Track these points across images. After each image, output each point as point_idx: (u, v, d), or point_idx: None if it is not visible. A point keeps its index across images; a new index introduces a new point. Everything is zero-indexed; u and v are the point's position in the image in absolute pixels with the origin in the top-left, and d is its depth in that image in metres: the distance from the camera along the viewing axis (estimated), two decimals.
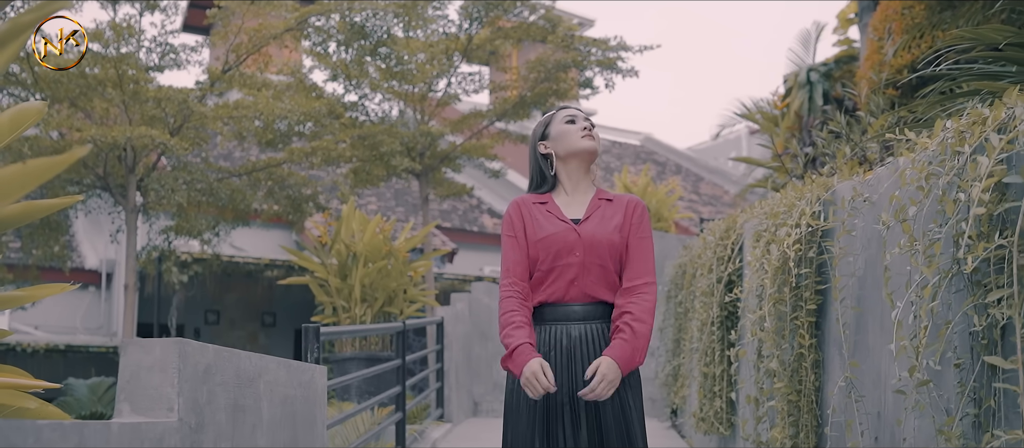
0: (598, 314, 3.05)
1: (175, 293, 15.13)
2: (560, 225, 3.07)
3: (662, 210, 15.02)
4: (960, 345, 2.41)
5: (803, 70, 10.63)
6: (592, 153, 3.17)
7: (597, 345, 3.00)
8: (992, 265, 2.14)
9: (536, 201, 3.17)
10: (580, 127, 3.16)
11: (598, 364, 2.89)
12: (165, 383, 2.38)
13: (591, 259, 3.03)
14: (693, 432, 6.71)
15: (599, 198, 3.17)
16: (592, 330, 3.03)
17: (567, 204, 3.16)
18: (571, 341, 3.01)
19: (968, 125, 2.33)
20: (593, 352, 2.99)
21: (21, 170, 1.60)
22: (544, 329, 3.05)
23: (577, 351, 3.00)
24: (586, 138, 3.14)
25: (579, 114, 3.22)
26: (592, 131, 3.18)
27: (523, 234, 3.11)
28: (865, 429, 3.18)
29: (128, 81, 9.19)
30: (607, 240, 3.05)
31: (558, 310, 3.05)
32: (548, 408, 2.96)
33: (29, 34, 2.29)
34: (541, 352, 2.99)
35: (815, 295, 3.82)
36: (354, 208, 10.46)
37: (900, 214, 2.61)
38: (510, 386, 3.08)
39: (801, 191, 4.12)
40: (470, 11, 11.92)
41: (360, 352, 9.77)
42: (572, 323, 3.04)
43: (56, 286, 2.50)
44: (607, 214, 3.13)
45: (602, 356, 2.92)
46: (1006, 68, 3.37)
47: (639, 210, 3.17)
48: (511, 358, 2.95)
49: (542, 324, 3.07)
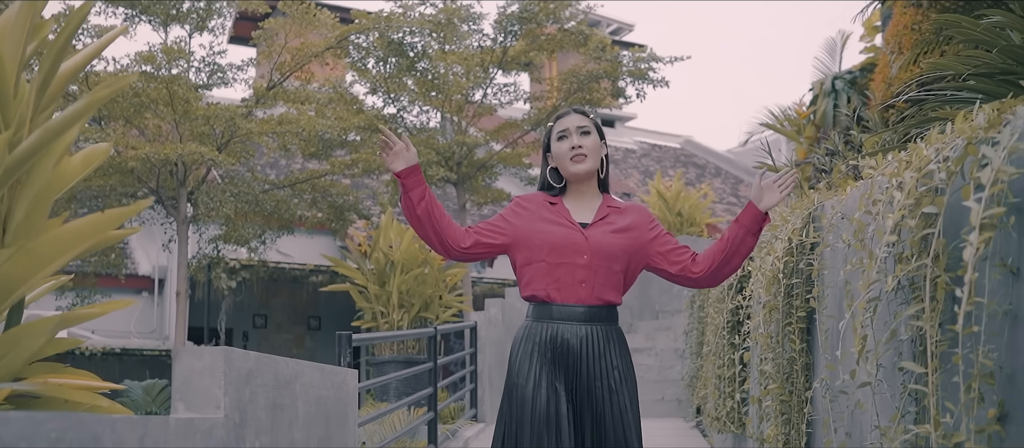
0: (602, 316, 3.14)
1: (224, 298, 15.69)
2: (568, 226, 3.18)
3: (695, 214, 15.28)
4: (905, 351, 2.75)
5: (829, 78, 10.82)
6: (584, 176, 3.23)
7: (599, 346, 3.10)
8: (915, 284, 2.47)
9: (548, 200, 3.27)
10: (568, 147, 3.22)
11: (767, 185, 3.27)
12: (214, 385, 2.79)
13: (598, 262, 3.12)
14: (711, 431, 7.04)
15: (607, 205, 3.28)
16: (595, 331, 3.11)
17: (576, 209, 3.25)
18: (577, 341, 3.08)
19: (904, 159, 2.67)
20: (595, 353, 3.08)
21: (100, 218, 2.00)
22: (548, 327, 3.12)
23: (581, 351, 3.08)
24: (576, 162, 3.20)
25: (570, 128, 3.24)
26: (583, 146, 3.21)
27: (516, 225, 3.22)
28: (839, 426, 3.51)
29: (179, 100, 9.73)
30: (614, 245, 3.15)
31: (564, 310, 3.12)
32: (557, 406, 3.03)
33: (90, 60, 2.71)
34: (545, 349, 3.09)
35: (805, 303, 4.14)
36: (392, 218, 10.92)
37: (859, 234, 2.94)
38: (512, 379, 3.15)
39: (793, 206, 4.45)
40: (504, 25, 12.33)
41: (398, 355, 10.22)
42: (577, 323, 3.11)
43: (121, 301, 2.93)
44: (614, 219, 3.23)
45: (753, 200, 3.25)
46: (975, 95, 3.69)
47: (648, 216, 3.32)
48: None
49: (546, 321, 3.13)
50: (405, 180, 3.15)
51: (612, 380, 3.10)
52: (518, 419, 3.09)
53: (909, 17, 7.16)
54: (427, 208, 3.16)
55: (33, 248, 1.87)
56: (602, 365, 3.11)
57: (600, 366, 3.10)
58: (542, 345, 3.10)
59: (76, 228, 1.93)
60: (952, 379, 2.22)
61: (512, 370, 3.17)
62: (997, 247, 2.15)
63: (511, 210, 3.29)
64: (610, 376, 3.11)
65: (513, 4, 12.18)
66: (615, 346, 3.16)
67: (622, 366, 3.15)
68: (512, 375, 3.16)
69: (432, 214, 3.18)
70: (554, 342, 3.10)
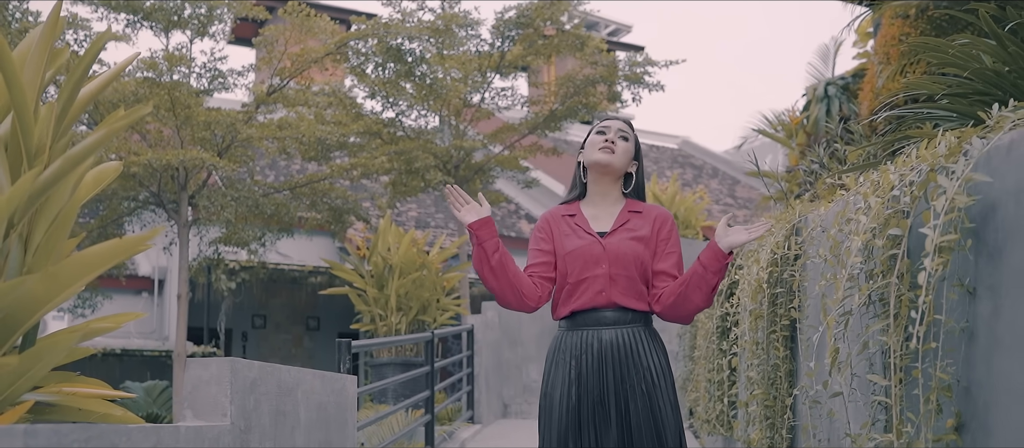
0: (629, 319, 3.15)
1: (224, 299, 15.84)
2: (586, 238, 3.20)
3: (690, 218, 15.45)
4: (876, 364, 2.90)
5: (821, 84, 10.97)
6: (602, 166, 3.23)
7: (628, 349, 3.11)
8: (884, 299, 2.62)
9: (565, 213, 3.29)
10: (602, 138, 3.23)
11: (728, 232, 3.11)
12: (220, 393, 2.94)
13: (617, 271, 3.14)
14: (702, 433, 7.20)
15: (628, 210, 3.27)
16: (624, 334, 3.13)
17: (595, 216, 3.27)
18: (602, 345, 3.11)
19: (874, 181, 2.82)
20: (624, 356, 3.10)
21: (119, 244, 2.16)
22: (577, 334, 3.15)
23: (608, 355, 3.10)
24: (602, 151, 3.21)
25: (612, 125, 3.28)
26: (616, 145, 3.23)
27: (552, 247, 3.25)
28: (818, 432, 3.67)
29: (181, 106, 9.89)
30: (632, 253, 3.16)
31: (590, 316, 3.15)
32: (579, 409, 3.08)
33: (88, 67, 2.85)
34: (574, 355, 3.12)
35: (788, 312, 4.29)
36: (390, 222, 11.09)
37: (834, 250, 3.10)
38: (544, 388, 3.20)
39: (778, 217, 4.60)
40: (502, 29, 12.48)
41: (396, 358, 10.39)
42: (603, 328, 3.13)
43: (133, 314, 3.08)
44: (633, 226, 3.23)
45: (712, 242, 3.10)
46: (950, 113, 3.84)
47: (667, 225, 3.27)
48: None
49: (575, 330, 3.16)
50: (478, 232, 3.16)
51: (645, 383, 3.10)
52: (547, 424, 3.15)
53: (897, 29, 7.30)
54: (501, 260, 3.15)
55: (56, 272, 2.02)
56: (632, 368, 3.11)
57: (630, 369, 3.10)
58: (569, 353, 3.15)
59: (97, 252, 2.09)
60: (913, 391, 2.37)
61: (544, 380, 3.22)
62: (955, 268, 2.30)
63: (538, 237, 3.33)
64: (643, 379, 3.11)
65: (511, 9, 12.33)
66: (647, 348, 3.16)
67: (657, 368, 3.15)
68: (544, 384, 3.22)
69: (506, 267, 3.16)
70: (580, 349, 3.13)
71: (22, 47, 2.58)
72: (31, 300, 2.01)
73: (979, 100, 3.71)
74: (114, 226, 11.40)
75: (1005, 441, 2.03)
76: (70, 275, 2.07)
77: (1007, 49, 3.37)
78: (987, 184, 2.13)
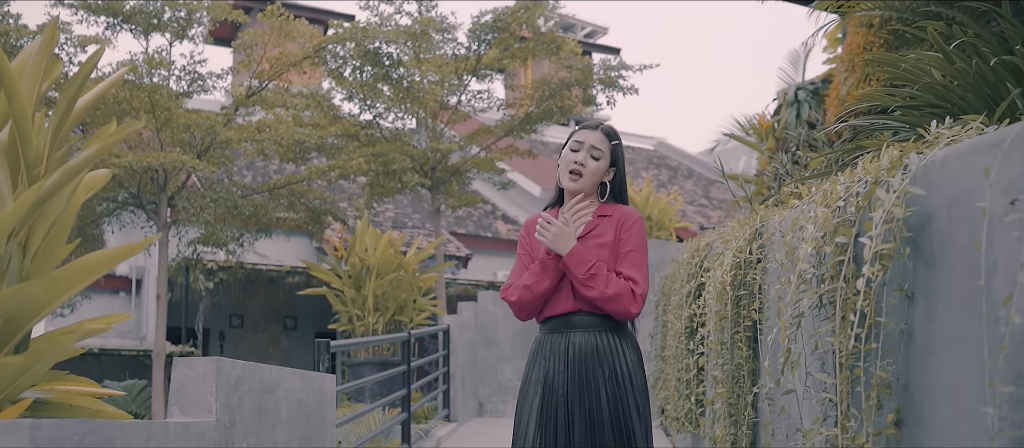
0: (597, 323, 3.25)
1: (201, 298, 15.90)
2: None
3: (664, 219, 15.64)
4: (828, 363, 3.07)
5: (791, 88, 11.19)
6: (573, 192, 3.35)
7: (595, 351, 3.22)
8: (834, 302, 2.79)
9: (545, 219, 3.35)
10: (572, 160, 3.32)
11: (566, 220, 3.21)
12: (206, 392, 3.09)
13: None
14: (672, 430, 7.38)
15: (598, 215, 3.36)
16: (592, 338, 3.23)
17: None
18: (572, 348, 3.22)
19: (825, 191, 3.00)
20: (590, 357, 3.21)
21: (115, 251, 2.30)
22: (550, 337, 3.27)
23: (576, 356, 3.21)
24: (570, 178, 3.32)
25: (586, 141, 3.34)
26: (586, 167, 3.31)
27: (530, 251, 3.37)
28: (776, 429, 3.85)
29: (161, 108, 9.99)
30: (599, 253, 3.25)
31: (561, 320, 3.27)
32: (542, 407, 3.19)
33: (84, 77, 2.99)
34: (545, 356, 3.25)
35: (751, 313, 4.46)
36: (367, 224, 11.22)
37: (789, 255, 3.27)
38: (523, 387, 3.31)
39: (743, 221, 4.77)
40: (479, 33, 12.63)
41: (373, 357, 10.52)
42: (574, 331, 3.24)
43: (121, 315, 3.22)
44: (601, 232, 3.32)
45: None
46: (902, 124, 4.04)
47: (628, 222, 3.34)
48: (533, 271, 3.25)
49: (550, 333, 3.28)
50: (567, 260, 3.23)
51: (610, 384, 3.20)
52: (517, 422, 3.28)
53: (862, 37, 7.50)
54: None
55: (57, 277, 2.17)
56: (598, 369, 3.21)
57: (595, 370, 3.20)
58: (542, 354, 3.27)
59: (95, 259, 2.23)
60: (857, 389, 2.54)
61: (523, 380, 3.34)
62: (895, 274, 2.47)
63: (522, 245, 3.45)
64: (609, 380, 3.20)
65: (487, 14, 12.49)
66: (615, 350, 3.25)
67: (624, 370, 3.24)
68: (522, 385, 3.34)
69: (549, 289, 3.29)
70: (550, 350, 3.25)
71: (20, 60, 2.72)
72: (33, 304, 2.15)
73: (930, 112, 3.90)
74: (93, 226, 11.47)
75: (938, 434, 2.19)
76: (70, 280, 2.21)
77: (954, 65, 3.56)
78: (923, 196, 2.28)
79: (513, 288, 3.30)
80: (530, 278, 3.26)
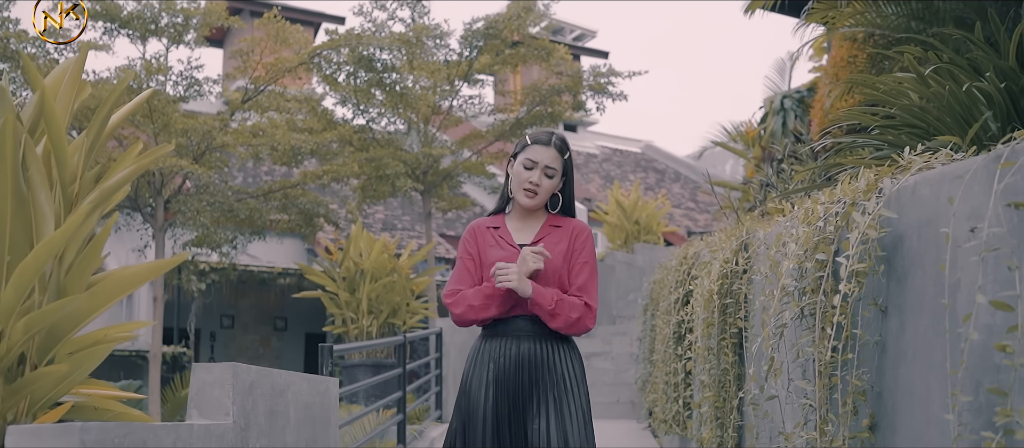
0: (544, 330, 3.30)
1: (194, 299, 16.01)
2: (508, 249, 3.33)
3: (652, 223, 15.82)
4: (809, 371, 3.27)
5: (778, 97, 11.36)
6: (528, 210, 3.40)
7: (542, 357, 3.28)
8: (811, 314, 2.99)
9: (489, 225, 3.42)
10: (527, 179, 3.33)
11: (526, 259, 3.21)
12: (223, 395, 3.26)
13: (537, 281, 3.26)
14: (660, 433, 7.57)
15: (549, 224, 3.41)
16: (539, 344, 3.29)
17: (518, 229, 3.41)
18: (519, 352, 3.27)
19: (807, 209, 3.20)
20: (539, 363, 3.27)
21: (152, 266, 2.48)
22: (496, 341, 3.31)
23: (525, 360, 3.27)
24: (526, 196, 3.33)
25: (541, 161, 3.34)
26: (541, 186, 3.33)
27: (477, 258, 3.38)
28: (760, 432, 4.04)
29: (158, 113, 10.14)
30: (550, 266, 3.28)
31: (508, 325, 3.31)
32: (497, 408, 3.25)
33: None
34: (492, 358, 3.29)
35: (736, 321, 4.65)
36: (361, 228, 11.40)
37: (774, 268, 3.46)
38: (463, 387, 3.37)
39: (729, 232, 4.96)
40: (470, 40, 12.83)
41: (368, 360, 10.70)
42: (522, 338, 3.29)
43: (142, 322, 3.40)
44: (553, 240, 3.35)
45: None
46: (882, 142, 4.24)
47: (582, 236, 3.40)
48: (483, 294, 3.27)
49: (495, 337, 3.32)
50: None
51: (556, 390, 3.26)
52: (464, 423, 3.32)
53: (846, 50, 7.66)
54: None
55: (98, 291, 2.34)
56: (545, 374, 3.27)
57: (543, 374, 3.26)
58: (488, 356, 3.31)
59: (132, 273, 2.41)
60: (835, 396, 2.74)
61: (464, 379, 3.38)
62: (871, 289, 2.66)
63: (464, 246, 3.46)
64: (555, 386, 3.26)
65: (479, 21, 12.68)
66: (560, 358, 3.31)
67: (569, 377, 3.30)
68: (464, 383, 3.38)
69: None
70: (498, 353, 3.29)
71: (52, 80, 2.89)
72: (76, 316, 2.32)
73: (908, 132, 4.10)
74: None
75: (907, 437, 2.38)
76: (109, 293, 2.39)
77: (929, 88, 3.76)
78: (896, 219, 2.47)
79: (459, 300, 3.33)
80: (477, 300, 3.29)
